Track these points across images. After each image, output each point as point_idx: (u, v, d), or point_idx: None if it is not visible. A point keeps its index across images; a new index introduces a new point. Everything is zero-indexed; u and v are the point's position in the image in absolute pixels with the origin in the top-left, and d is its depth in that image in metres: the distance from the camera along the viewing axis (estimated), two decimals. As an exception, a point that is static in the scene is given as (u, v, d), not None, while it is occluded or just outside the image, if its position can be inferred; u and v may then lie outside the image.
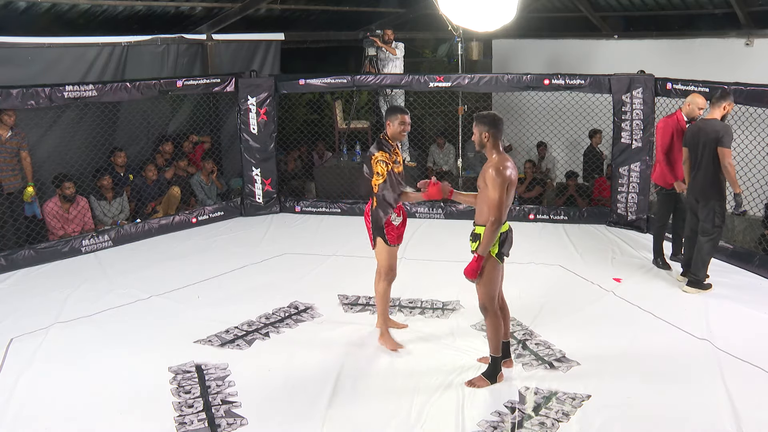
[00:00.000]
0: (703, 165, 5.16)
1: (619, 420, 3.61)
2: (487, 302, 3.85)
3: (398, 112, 4.31)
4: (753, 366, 4.15)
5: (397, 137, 4.33)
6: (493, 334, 3.91)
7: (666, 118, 5.75)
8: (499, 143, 3.83)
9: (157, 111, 7.70)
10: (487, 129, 3.79)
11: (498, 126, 3.79)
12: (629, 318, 4.92)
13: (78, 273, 5.94)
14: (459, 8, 5.63)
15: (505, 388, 3.92)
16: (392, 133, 4.31)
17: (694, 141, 5.22)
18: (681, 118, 5.63)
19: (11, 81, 6.13)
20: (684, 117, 5.62)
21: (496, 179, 3.68)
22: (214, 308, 5.11)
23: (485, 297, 3.85)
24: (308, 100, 9.94)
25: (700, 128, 5.18)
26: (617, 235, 6.85)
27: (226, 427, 3.58)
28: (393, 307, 5.06)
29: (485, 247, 3.74)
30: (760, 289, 5.48)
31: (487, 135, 3.79)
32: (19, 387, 4.00)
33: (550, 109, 7.85)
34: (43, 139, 6.76)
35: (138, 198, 7.26)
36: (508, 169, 3.72)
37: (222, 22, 8.01)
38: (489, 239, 3.72)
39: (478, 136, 3.83)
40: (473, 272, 3.78)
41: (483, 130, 3.80)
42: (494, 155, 3.79)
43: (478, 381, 3.95)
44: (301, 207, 7.79)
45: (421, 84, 7.49)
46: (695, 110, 5.58)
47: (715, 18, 8.51)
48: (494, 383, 3.94)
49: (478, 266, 3.77)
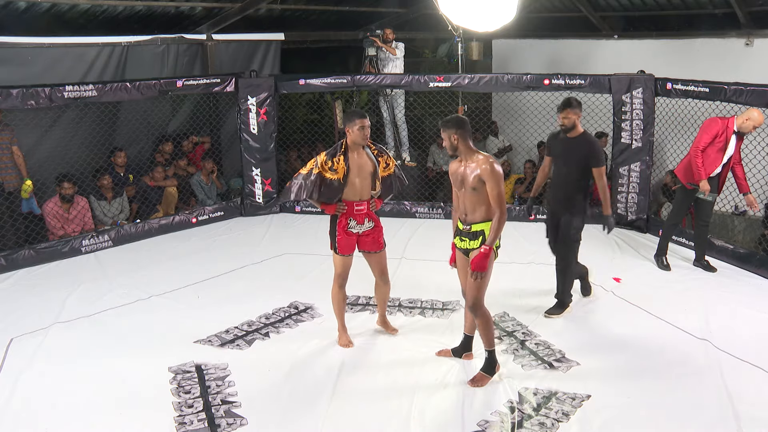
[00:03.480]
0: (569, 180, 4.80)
1: (619, 420, 3.61)
2: (479, 297, 3.89)
3: (356, 117, 4.20)
4: (753, 366, 4.15)
5: (360, 142, 4.22)
6: (486, 329, 3.96)
7: (717, 118, 5.61)
8: (470, 142, 3.89)
9: (157, 111, 7.70)
10: (454, 131, 3.85)
11: (464, 126, 3.87)
12: (629, 318, 4.92)
13: (78, 273, 5.94)
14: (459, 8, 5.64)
15: (505, 388, 3.92)
16: (353, 139, 4.22)
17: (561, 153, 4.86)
18: (731, 126, 5.47)
19: (11, 81, 6.13)
20: (734, 127, 5.46)
21: (493, 174, 3.77)
22: (214, 308, 5.11)
23: (480, 291, 3.88)
24: (308, 100, 9.93)
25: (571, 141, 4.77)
26: (617, 235, 6.84)
27: (226, 427, 3.58)
28: (393, 307, 5.06)
29: (494, 237, 3.81)
30: (760, 289, 5.48)
31: (456, 137, 3.85)
32: (19, 387, 4.00)
33: (550, 109, 7.85)
34: (43, 139, 6.76)
35: (143, 200, 7.26)
36: (497, 162, 3.84)
37: (222, 22, 8.01)
38: (497, 230, 3.80)
39: (448, 142, 3.90)
40: (483, 265, 3.80)
41: (450, 133, 3.86)
42: (474, 154, 3.87)
43: (480, 379, 3.97)
44: (301, 207, 7.79)
45: (421, 84, 7.49)
46: (750, 127, 5.43)
47: (715, 18, 8.51)
48: (493, 375, 3.98)
49: (487, 258, 3.80)
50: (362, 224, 4.33)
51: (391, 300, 5.10)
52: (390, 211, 7.53)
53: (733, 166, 5.61)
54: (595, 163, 4.70)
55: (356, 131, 4.19)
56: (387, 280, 4.55)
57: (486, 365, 4.00)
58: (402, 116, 8.25)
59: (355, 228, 4.31)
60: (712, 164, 5.56)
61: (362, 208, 4.31)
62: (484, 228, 3.86)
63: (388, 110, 8.25)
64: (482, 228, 3.86)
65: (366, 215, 4.33)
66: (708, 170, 5.54)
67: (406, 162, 8.28)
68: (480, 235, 3.86)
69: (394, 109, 8.20)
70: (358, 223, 4.31)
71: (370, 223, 4.35)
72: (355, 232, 4.32)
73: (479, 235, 3.86)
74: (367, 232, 4.35)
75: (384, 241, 4.46)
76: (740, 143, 5.61)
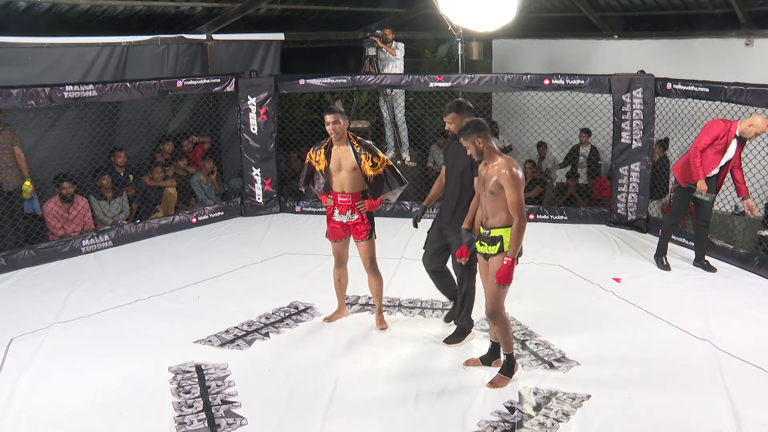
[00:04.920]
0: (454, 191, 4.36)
1: (619, 420, 3.61)
2: (499, 305, 3.83)
3: (325, 113, 4.44)
4: (753, 366, 4.15)
5: (332, 137, 4.45)
6: (505, 334, 3.91)
7: (721, 120, 5.57)
8: (493, 143, 3.80)
9: (157, 111, 7.70)
10: (476, 135, 3.73)
11: (483, 128, 3.76)
12: (629, 318, 4.92)
13: (78, 273, 5.94)
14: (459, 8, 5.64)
15: (506, 388, 3.92)
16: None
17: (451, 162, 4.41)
18: (733, 130, 5.42)
19: (11, 81, 6.13)
20: (737, 132, 5.40)
21: (512, 180, 3.67)
22: (214, 308, 5.11)
23: (500, 300, 3.82)
24: (308, 100, 9.93)
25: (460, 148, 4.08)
26: (617, 235, 6.85)
27: (226, 427, 3.58)
28: (393, 307, 5.07)
29: (515, 248, 3.73)
30: (760, 289, 5.48)
31: (480, 140, 3.74)
32: (19, 387, 3.99)
33: (550, 109, 7.85)
34: (43, 139, 6.76)
35: (142, 200, 7.26)
36: (519, 168, 3.73)
37: (222, 22, 8.01)
38: (518, 240, 3.72)
39: (474, 148, 3.75)
40: (507, 278, 3.75)
41: (474, 139, 3.74)
42: (495, 156, 3.77)
43: (499, 381, 3.94)
44: (301, 207, 7.79)
45: (421, 84, 7.49)
46: (752, 133, 5.36)
47: (715, 18, 8.51)
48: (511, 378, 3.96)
49: (512, 271, 3.76)
50: (344, 215, 4.53)
51: (391, 300, 5.10)
52: (390, 211, 7.53)
53: (732, 170, 5.59)
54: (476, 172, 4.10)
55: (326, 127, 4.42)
56: (374, 271, 4.68)
57: (505, 368, 3.97)
58: (402, 116, 8.26)
59: (338, 217, 4.56)
60: (710, 165, 5.54)
61: (345, 200, 4.51)
62: (503, 234, 3.76)
63: (388, 110, 8.25)
64: (501, 234, 3.76)
65: (349, 207, 4.52)
66: (705, 170, 5.54)
67: (406, 162, 8.28)
68: (498, 241, 3.77)
69: (394, 109, 8.21)
70: (340, 213, 4.54)
71: (353, 215, 4.52)
72: (338, 221, 4.55)
73: (497, 240, 3.77)
74: (351, 224, 4.54)
75: (369, 234, 4.57)
76: (741, 148, 5.57)
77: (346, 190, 4.49)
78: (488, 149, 3.78)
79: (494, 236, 3.79)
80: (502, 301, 3.86)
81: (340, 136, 4.43)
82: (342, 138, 4.44)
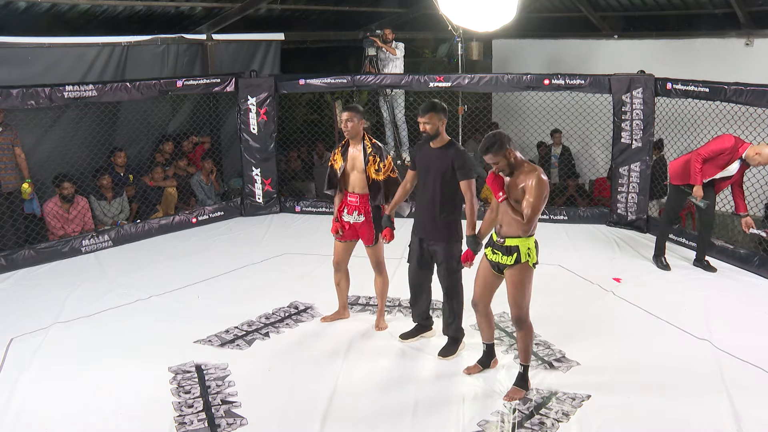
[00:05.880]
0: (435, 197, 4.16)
1: (619, 420, 3.61)
2: (525, 312, 3.77)
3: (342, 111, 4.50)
4: (753, 366, 4.15)
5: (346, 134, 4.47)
6: (527, 345, 3.85)
7: (733, 137, 5.50)
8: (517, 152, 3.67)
9: (157, 111, 7.70)
10: (508, 147, 3.58)
11: (507, 138, 3.62)
12: (629, 318, 4.92)
13: (78, 273, 5.94)
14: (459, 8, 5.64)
15: (506, 388, 3.92)
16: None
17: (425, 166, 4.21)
18: (741, 151, 5.37)
19: (11, 81, 6.13)
20: (743, 154, 5.37)
21: (538, 187, 3.54)
22: (214, 308, 5.11)
23: (525, 306, 3.77)
24: (308, 100, 9.93)
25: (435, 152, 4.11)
26: (617, 235, 6.85)
27: (226, 427, 3.58)
28: (393, 307, 5.06)
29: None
30: (760, 289, 5.48)
31: (510, 151, 3.59)
32: (19, 387, 3.99)
33: (550, 109, 7.85)
34: (43, 139, 6.76)
35: (142, 200, 7.25)
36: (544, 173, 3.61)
37: (222, 22, 8.02)
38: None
39: (505, 162, 3.58)
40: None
41: (506, 151, 3.57)
42: (526, 165, 3.64)
43: (514, 393, 3.85)
44: (301, 207, 7.80)
45: (421, 84, 7.49)
46: (757, 161, 5.34)
47: (715, 18, 8.51)
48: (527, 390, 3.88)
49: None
50: (351, 215, 4.53)
51: (390, 300, 5.10)
52: (390, 211, 7.53)
53: (732, 186, 5.57)
54: (463, 175, 4.06)
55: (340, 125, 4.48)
56: (380, 272, 4.68)
57: (519, 379, 3.89)
58: (402, 116, 8.26)
59: (345, 217, 4.55)
60: (705, 174, 5.54)
61: (354, 200, 4.51)
62: (519, 244, 3.65)
63: (388, 110, 8.25)
64: (517, 243, 3.65)
65: (356, 208, 4.51)
66: (703, 177, 5.54)
67: (407, 162, 8.27)
68: (515, 251, 3.65)
69: (394, 109, 8.21)
70: (348, 213, 4.54)
71: (360, 216, 4.51)
72: (346, 221, 4.55)
73: (514, 251, 3.66)
74: (358, 225, 4.52)
75: (376, 237, 4.56)
76: (744, 169, 5.53)
77: (356, 190, 4.50)
78: (518, 159, 3.64)
79: (509, 246, 3.68)
80: (527, 308, 3.78)
81: (353, 135, 4.44)
82: (356, 137, 4.45)
